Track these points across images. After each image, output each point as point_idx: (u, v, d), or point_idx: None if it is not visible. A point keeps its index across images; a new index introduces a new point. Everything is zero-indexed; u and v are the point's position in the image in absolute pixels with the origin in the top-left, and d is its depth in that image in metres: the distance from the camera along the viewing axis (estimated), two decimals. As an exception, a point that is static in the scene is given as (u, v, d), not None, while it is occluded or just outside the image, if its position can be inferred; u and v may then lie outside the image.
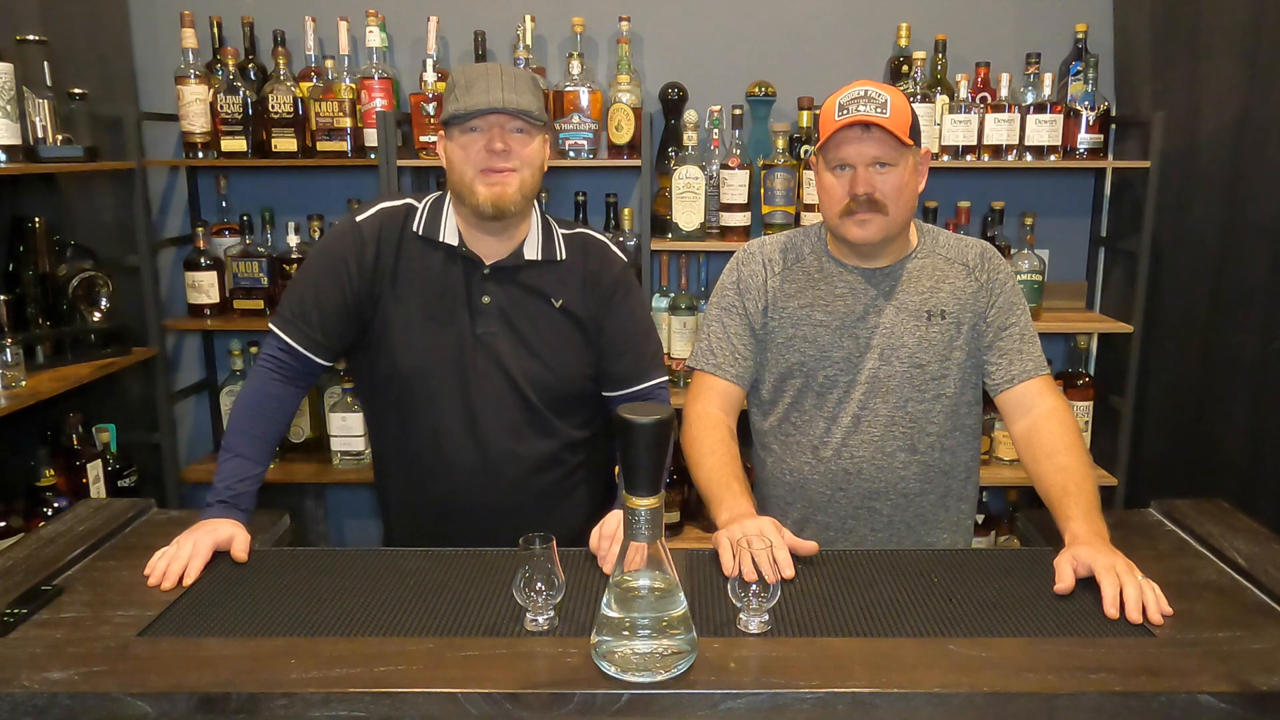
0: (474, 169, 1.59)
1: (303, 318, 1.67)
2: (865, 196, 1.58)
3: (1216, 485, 2.47)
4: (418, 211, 1.70)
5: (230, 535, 1.52)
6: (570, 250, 1.73)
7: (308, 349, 1.68)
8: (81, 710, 1.13)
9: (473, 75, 1.60)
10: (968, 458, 1.77)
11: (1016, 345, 1.68)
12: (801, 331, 1.71)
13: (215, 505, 1.58)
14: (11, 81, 2.31)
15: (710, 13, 2.86)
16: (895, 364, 1.68)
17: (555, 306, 1.70)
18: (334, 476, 2.86)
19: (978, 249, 1.73)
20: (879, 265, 1.70)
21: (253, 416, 1.67)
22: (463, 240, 1.68)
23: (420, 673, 1.17)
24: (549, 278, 1.71)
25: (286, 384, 1.70)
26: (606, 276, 1.73)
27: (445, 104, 1.61)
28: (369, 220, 1.69)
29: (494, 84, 1.57)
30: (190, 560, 1.45)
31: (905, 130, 1.57)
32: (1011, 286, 1.71)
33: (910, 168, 1.61)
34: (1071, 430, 1.61)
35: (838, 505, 1.73)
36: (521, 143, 1.60)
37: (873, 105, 1.56)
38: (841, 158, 1.59)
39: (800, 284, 1.72)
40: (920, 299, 1.68)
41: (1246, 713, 1.13)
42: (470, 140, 1.59)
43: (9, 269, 2.55)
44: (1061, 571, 1.39)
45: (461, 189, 1.61)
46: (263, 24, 2.82)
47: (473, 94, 1.57)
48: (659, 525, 1.14)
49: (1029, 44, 2.75)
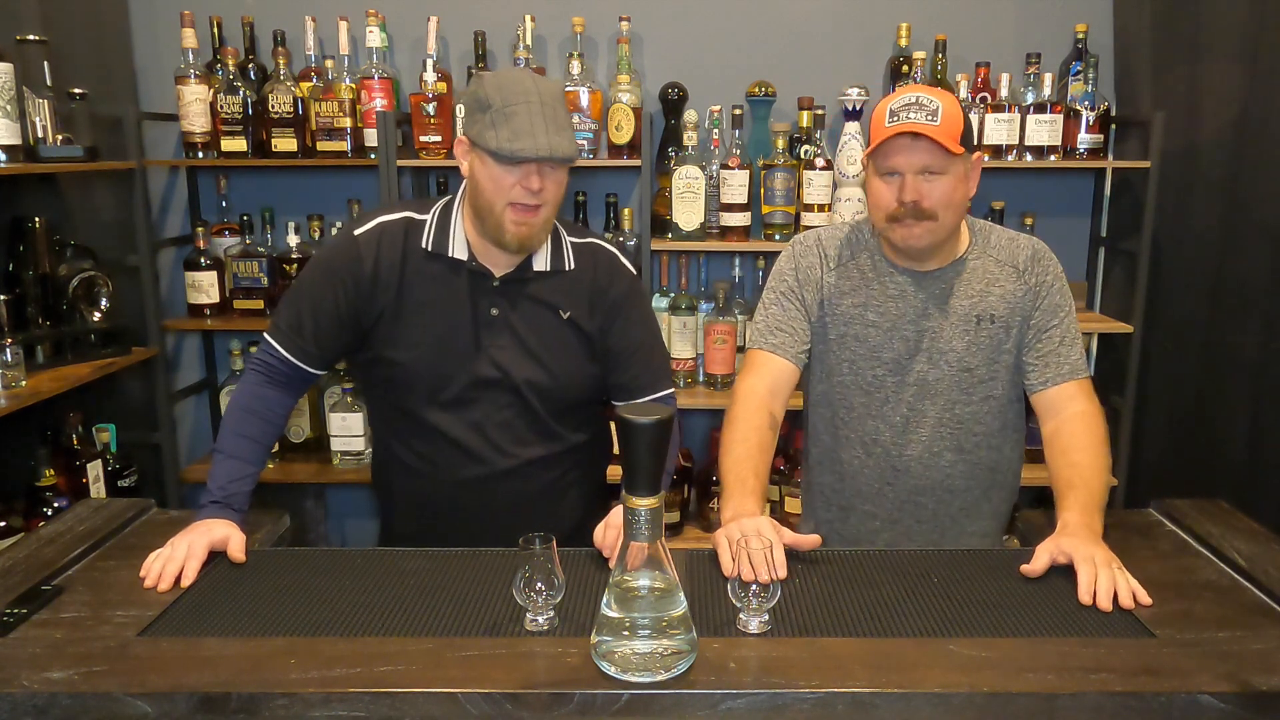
0: (504, 201, 1.56)
1: (297, 330, 1.68)
2: (913, 204, 1.58)
3: (1216, 485, 2.47)
4: (424, 225, 1.67)
5: (225, 535, 1.52)
6: (579, 260, 1.71)
7: (300, 359, 1.70)
8: (81, 710, 1.13)
9: (511, 98, 1.52)
10: (1012, 452, 1.79)
11: (1055, 348, 1.68)
12: (853, 330, 1.71)
13: (209, 506, 1.58)
14: (11, 81, 2.31)
15: (710, 13, 2.86)
16: (944, 367, 1.68)
17: (563, 319, 1.69)
18: (334, 476, 2.86)
19: (1029, 250, 1.72)
20: (930, 268, 1.69)
21: (245, 418, 1.68)
22: (473, 255, 1.66)
23: (420, 673, 1.17)
24: (557, 289, 1.69)
25: (277, 388, 1.71)
26: (614, 291, 1.72)
27: (476, 122, 1.55)
28: (367, 235, 1.67)
29: (537, 124, 1.51)
30: (186, 561, 1.45)
31: (956, 138, 1.55)
32: (1059, 289, 1.70)
33: (960, 175, 1.60)
34: (1094, 432, 1.62)
35: (885, 499, 1.75)
36: (555, 180, 1.58)
37: (923, 113, 1.55)
38: (891, 165, 1.59)
39: (855, 282, 1.72)
40: (970, 303, 1.68)
41: (1246, 713, 1.13)
42: (506, 171, 1.54)
43: (9, 269, 2.55)
44: (1036, 555, 1.42)
45: (487, 217, 1.59)
46: (263, 24, 2.81)
47: (516, 130, 1.50)
48: (659, 525, 1.14)
49: (1029, 44, 2.75)
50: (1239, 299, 2.47)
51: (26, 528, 2.27)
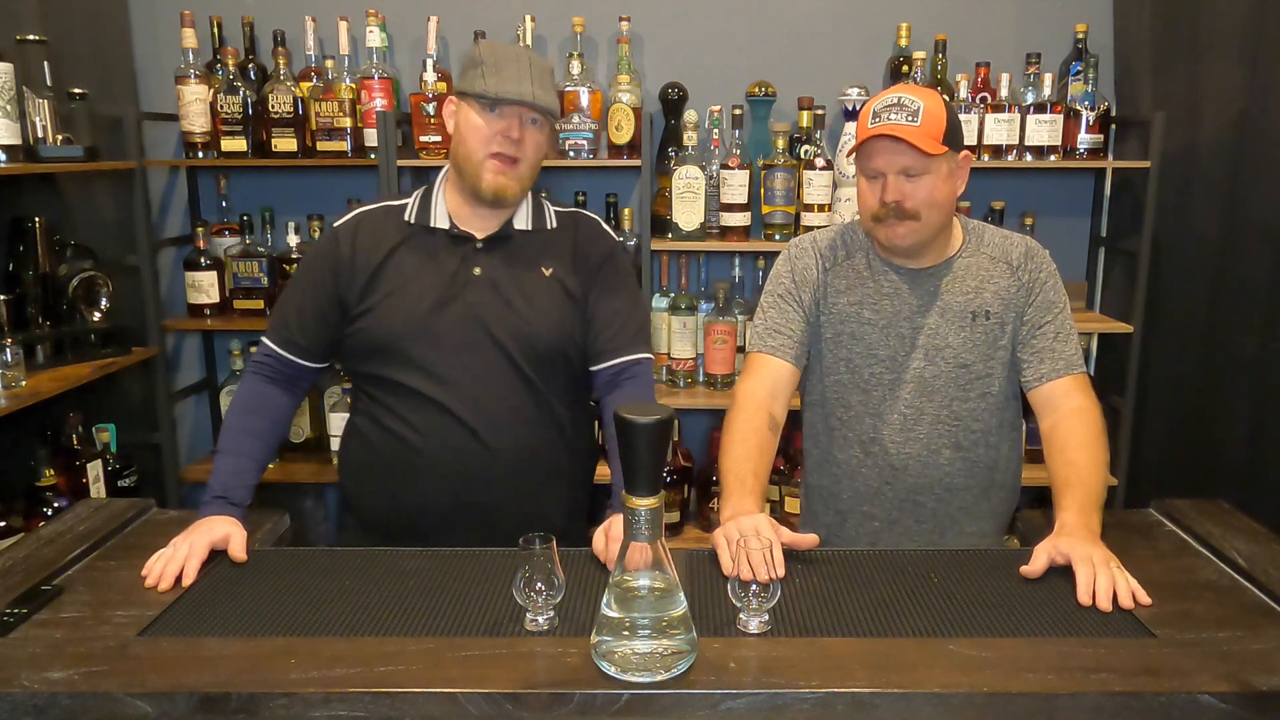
0: (485, 150, 1.62)
1: (285, 325, 1.73)
2: (895, 204, 1.58)
3: (1216, 485, 2.47)
4: (405, 206, 1.74)
5: (226, 534, 1.52)
6: (561, 222, 1.77)
7: (292, 353, 1.73)
8: (81, 710, 1.13)
9: (503, 56, 1.62)
10: (1010, 451, 1.79)
11: (1050, 343, 1.68)
12: (849, 329, 1.72)
13: (211, 503, 1.59)
14: (11, 81, 2.31)
15: (710, 13, 2.86)
16: (940, 364, 1.69)
17: (545, 275, 1.71)
18: (334, 477, 2.84)
19: (1022, 247, 1.72)
20: (923, 266, 1.70)
21: (244, 415, 1.70)
22: (454, 223, 1.71)
23: (420, 673, 1.17)
24: (539, 247, 1.73)
25: (275, 385, 1.73)
26: (595, 251, 1.75)
27: (467, 76, 1.64)
28: (345, 224, 1.74)
29: (524, 74, 1.61)
30: (187, 561, 1.45)
31: (937, 138, 1.56)
32: (1053, 285, 1.71)
33: (944, 174, 1.60)
34: (1091, 428, 1.62)
35: (884, 498, 1.75)
36: (534, 134, 1.65)
37: (904, 114, 1.55)
38: (873, 167, 1.60)
39: (850, 281, 1.73)
40: (965, 300, 1.69)
41: (1246, 713, 1.13)
42: (489, 121, 1.62)
43: (9, 269, 2.55)
44: (1035, 556, 1.42)
45: (467, 165, 1.65)
46: (263, 24, 2.82)
47: (504, 78, 1.60)
48: (659, 525, 1.14)
49: (1029, 44, 2.76)
50: (1239, 299, 2.47)
51: (26, 528, 2.27)
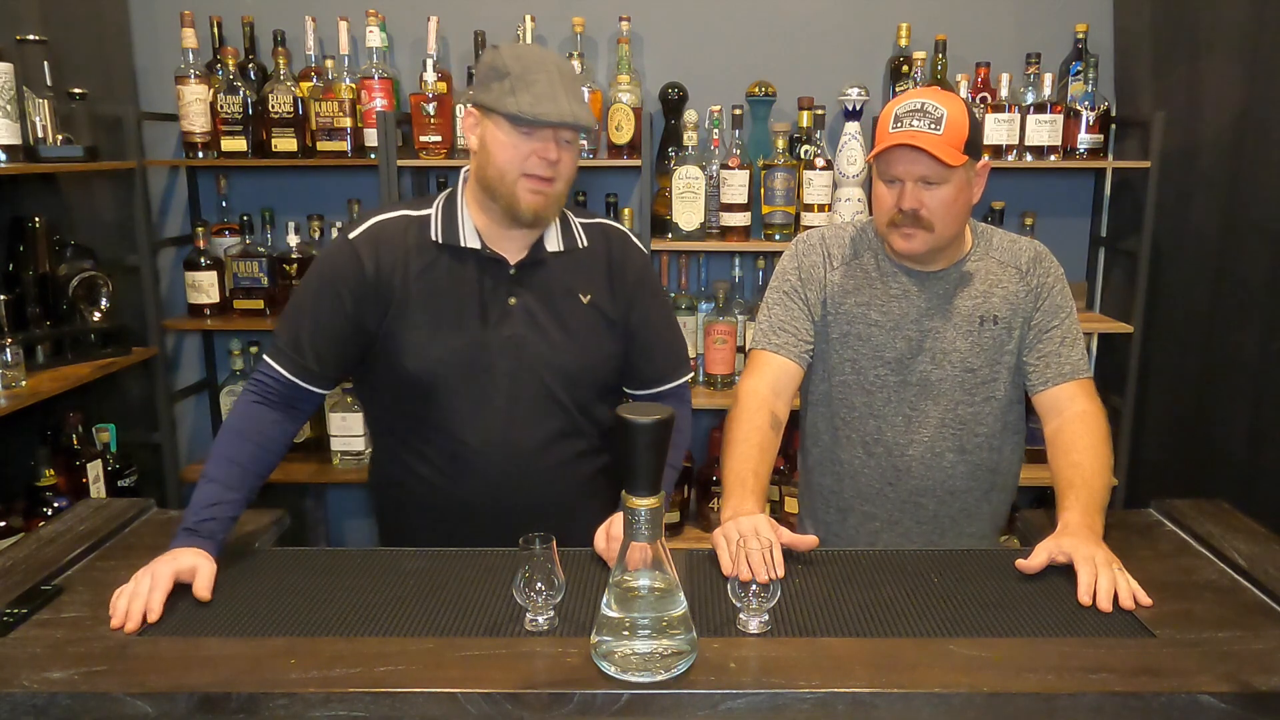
0: (518, 171, 1.51)
1: (296, 348, 1.58)
2: (912, 212, 1.58)
3: (1216, 485, 2.47)
4: (428, 219, 1.61)
5: (192, 566, 1.37)
6: (591, 238, 1.67)
7: (301, 379, 1.59)
8: (81, 710, 1.13)
9: (530, 66, 1.50)
10: (1012, 454, 1.79)
11: (1056, 348, 1.68)
12: (856, 329, 1.71)
13: (181, 534, 1.44)
14: (11, 81, 2.31)
15: (710, 13, 2.86)
16: (947, 368, 1.69)
17: (584, 302, 1.64)
18: (334, 476, 2.86)
19: (1031, 252, 1.72)
20: (933, 269, 1.70)
21: (234, 441, 1.55)
22: (484, 243, 1.60)
23: (420, 673, 1.17)
24: (574, 271, 1.64)
25: (274, 409, 1.59)
26: (631, 270, 1.68)
27: (492, 89, 1.50)
28: (362, 235, 1.59)
29: (557, 88, 1.49)
30: (151, 594, 1.32)
31: (959, 146, 1.54)
32: (1060, 290, 1.70)
33: (962, 183, 1.58)
34: (1095, 432, 1.62)
35: (886, 499, 1.75)
36: (570, 154, 1.55)
37: (927, 120, 1.53)
38: (891, 173, 1.59)
39: (858, 281, 1.72)
40: (973, 304, 1.68)
41: (1246, 713, 1.13)
42: (521, 141, 1.50)
43: (9, 269, 2.55)
44: (1035, 553, 1.42)
45: (500, 186, 1.53)
46: (263, 24, 2.82)
47: (537, 95, 1.47)
48: (659, 525, 1.14)
49: (1029, 44, 2.75)
50: (1239, 299, 2.47)
51: (26, 528, 2.27)
